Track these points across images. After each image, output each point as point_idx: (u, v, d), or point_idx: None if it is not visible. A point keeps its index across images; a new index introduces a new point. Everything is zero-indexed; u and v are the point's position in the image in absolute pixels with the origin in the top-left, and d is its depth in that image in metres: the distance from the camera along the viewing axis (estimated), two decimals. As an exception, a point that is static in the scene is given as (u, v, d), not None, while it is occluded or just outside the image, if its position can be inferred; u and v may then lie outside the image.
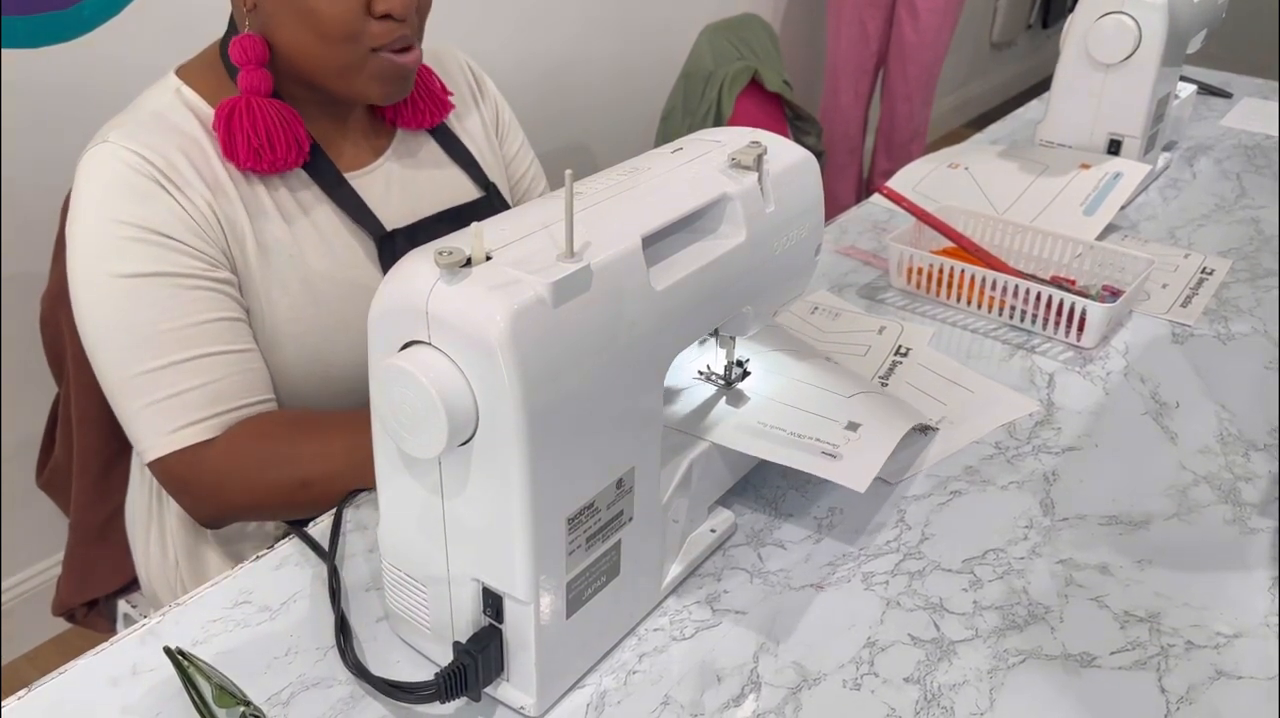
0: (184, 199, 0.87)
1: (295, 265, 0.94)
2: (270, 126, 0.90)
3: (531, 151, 1.21)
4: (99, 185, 0.87)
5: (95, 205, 0.86)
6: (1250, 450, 0.95)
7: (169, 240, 0.87)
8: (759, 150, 0.71)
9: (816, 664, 0.72)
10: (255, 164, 0.90)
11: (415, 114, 1.03)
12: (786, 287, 0.81)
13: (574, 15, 2.30)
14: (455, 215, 1.03)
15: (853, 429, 0.80)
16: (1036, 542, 0.83)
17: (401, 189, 1.02)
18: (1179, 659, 0.73)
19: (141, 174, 0.86)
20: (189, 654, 0.67)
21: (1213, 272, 1.27)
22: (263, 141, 0.89)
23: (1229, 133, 1.74)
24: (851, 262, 1.29)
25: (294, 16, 0.87)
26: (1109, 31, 1.34)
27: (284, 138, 0.90)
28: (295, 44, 0.89)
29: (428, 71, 1.05)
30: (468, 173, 1.08)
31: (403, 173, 1.03)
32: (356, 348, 0.96)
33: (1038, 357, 1.09)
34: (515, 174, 1.18)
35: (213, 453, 0.88)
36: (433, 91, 1.04)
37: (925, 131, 2.94)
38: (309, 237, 0.95)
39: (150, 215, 0.86)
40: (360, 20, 0.87)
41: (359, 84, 0.91)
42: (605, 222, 0.63)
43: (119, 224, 0.85)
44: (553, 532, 0.61)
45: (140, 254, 0.86)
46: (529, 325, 0.55)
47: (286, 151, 0.91)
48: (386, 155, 1.02)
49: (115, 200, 0.86)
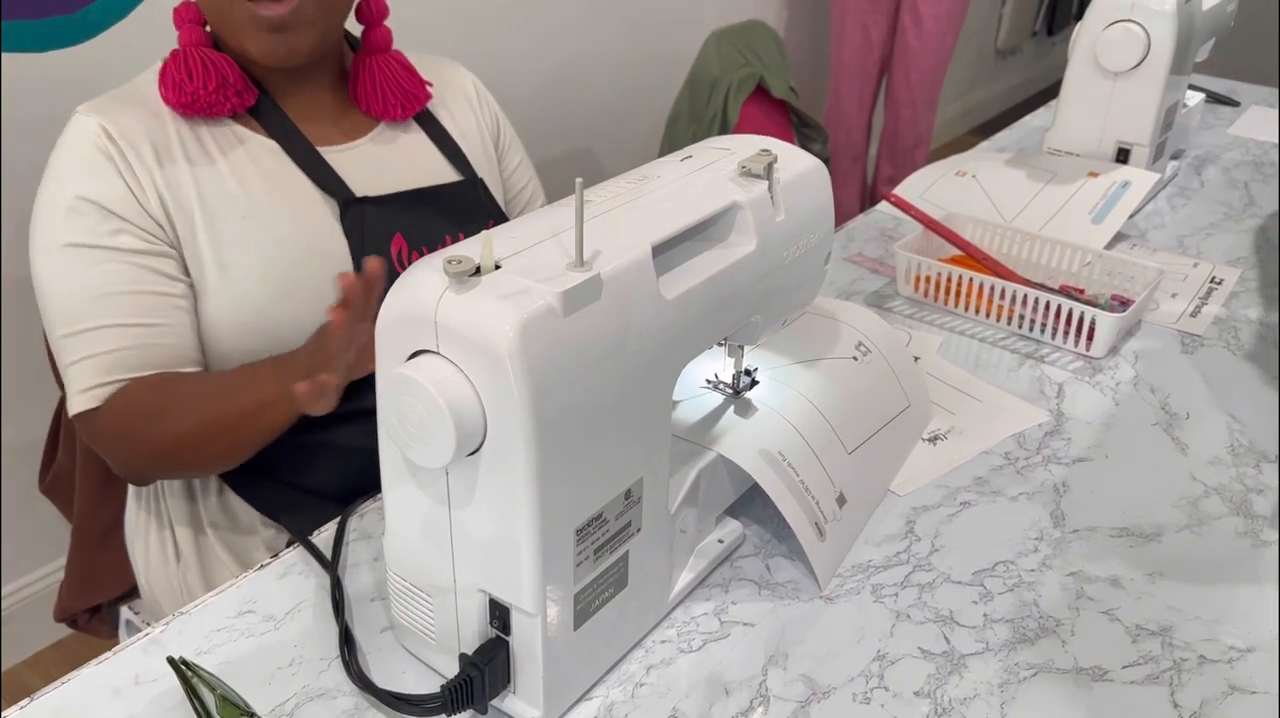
0: (129, 174, 0.92)
1: (253, 228, 0.95)
2: (194, 67, 0.94)
3: (531, 170, 1.21)
4: (59, 156, 0.93)
5: (52, 176, 0.93)
6: (1262, 462, 0.94)
7: (105, 213, 0.91)
8: (769, 159, 0.71)
9: (826, 678, 0.71)
10: (177, 98, 0.94)
11: (384, 105, 1.04)
12: (796, 295, 0.80)
13: (581, 21, 2.29)
14: (431, 194, 1.03)
15: (841, 504, 0.81)
16: (1047, 554, 0.83)
17: (379, 168, 1.03)
18: (1192, 674, 0.72)
19: (95, 147, 0.92)
20: (192, 664, 0.67)
21: (1221, 281, 1.27)
22: (183, 77, 0.94)
23: (1237, 141, 1.74)
24: (858, 269, 1.28)
25: None
26: (1117, 40, 1.34)
27: (204, 73, 0.94)
28: (200, 2, 0.94)
29: (405, 67, 1.05)
30: (452, 162, 1.08)
31: (382, 154, 1.04)
32: (310, 311, 0.96)
33: (1047, 366, 1.08)
34: (513, 189, 1.19)
35: (99, 419, 0.92)
36: (404, 85, 1.04)
37: (929, 138, 2.93)
38: (269, 199, 0.96)
39: (93, 189, 0.91)
40: None
41: (239, 38, 0.93)
42: (615, 230, 0.62)
43: (65, 195, 0.91)
44: (561, 543, 0.61)
45: (76, 225, 0.91)
46: (538, 335, 0.55)
47: (205, 82, 0.94)
48: (367, 138, 1.04)
49: (66, 173, 0.92)
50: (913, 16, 2.70)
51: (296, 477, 1.02)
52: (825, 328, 0.93)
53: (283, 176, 0.97)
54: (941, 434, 0.97)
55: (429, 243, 1.00)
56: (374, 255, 0.73)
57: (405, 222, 0.99)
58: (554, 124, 2.33)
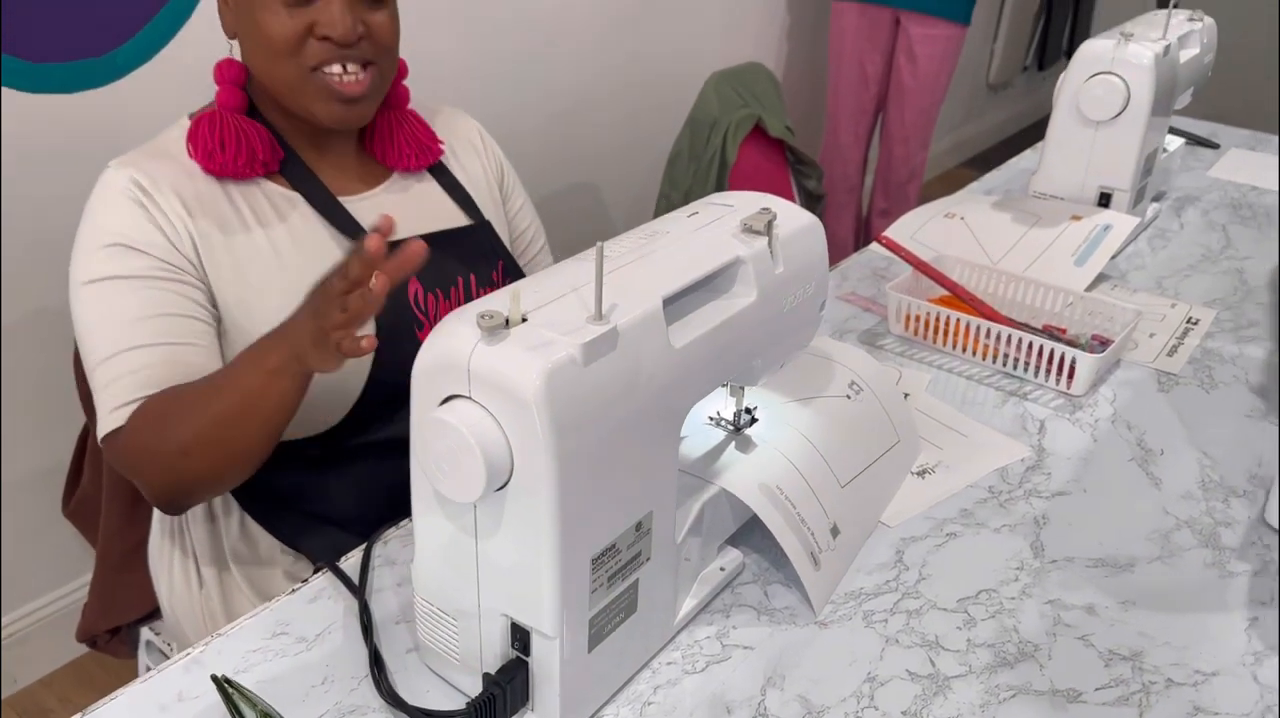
0: (162, 219, 0.97)
1: (278, 276, 1.00)
2: (225, 136, 0.99)
3: (533, 210, 1.28)
4: (93, 207, 0.98)
5: (87, 224, 0.97)
6: (1230, 497, 1.00)
7: (130, 249, 0.95)
8: (769, 216, 0.77)
9: (820, 698, 0.76)
10: (208, 165, 0.99)
11: (399, 156, 1.10)
12: (793, 339, 0.86)
13: (586, 64, 2.38)
14: (443, 238, 1.09)
15: (834, 535, 0.87)
16: (1027, 583, 0.88)
17: (394, 214, 1.08)
18: (1160, 696, 0.78)
19: (128, 197, 0.96)
20: (234, 682, 0.72)
21: (1198, 321, 1.33)
22: (215, 146, 0.99)
23: (1216, 184, 1.81)
24: (852, 308, 1.35)
25: (253, 36, 0.98)
26: (1098, 91, 1.41)
27: (236, 145, 0.99)
28: (255, 62, 0.99)
29: (418, 120, 1.12)
30: (462, 207, 1.14)
31: (396, 202, 1.10)
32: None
33: (1029, 403, 1.14)
34: (517, 229, 1.25)
35: (121, 439, 0.93)
36: (419, 138, 1.11)
37: (922, 172, 3.01)
38: (294, 249, 1.02)
39: (127, 232, 0.96)
40: (300, 39, 0.96)
41: (305, 103, 0.99)
42: (628, 285, 0.68)
43: (100, 238, 0.96)
44: (578, 571, 0.66)
45: (111, 263, 0.95)
46: (561, 383, 0.60)
47: (236, 155, 0.99)
48: (382, 188, 1.10)
49: (101, 219, 0.97)
50: (908, 56, 2.78)
51: (315, 507, 1.08)
52: (820, 368, 0.99)
53: (306, 226, 1.03)
54: (929, 468, 1.02)
55: (442, 285, 1.06)
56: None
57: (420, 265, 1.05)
58: (558, 161, 2.41)
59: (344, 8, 0.95)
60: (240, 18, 0.98)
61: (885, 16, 2.78)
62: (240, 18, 0.98)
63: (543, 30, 2.24)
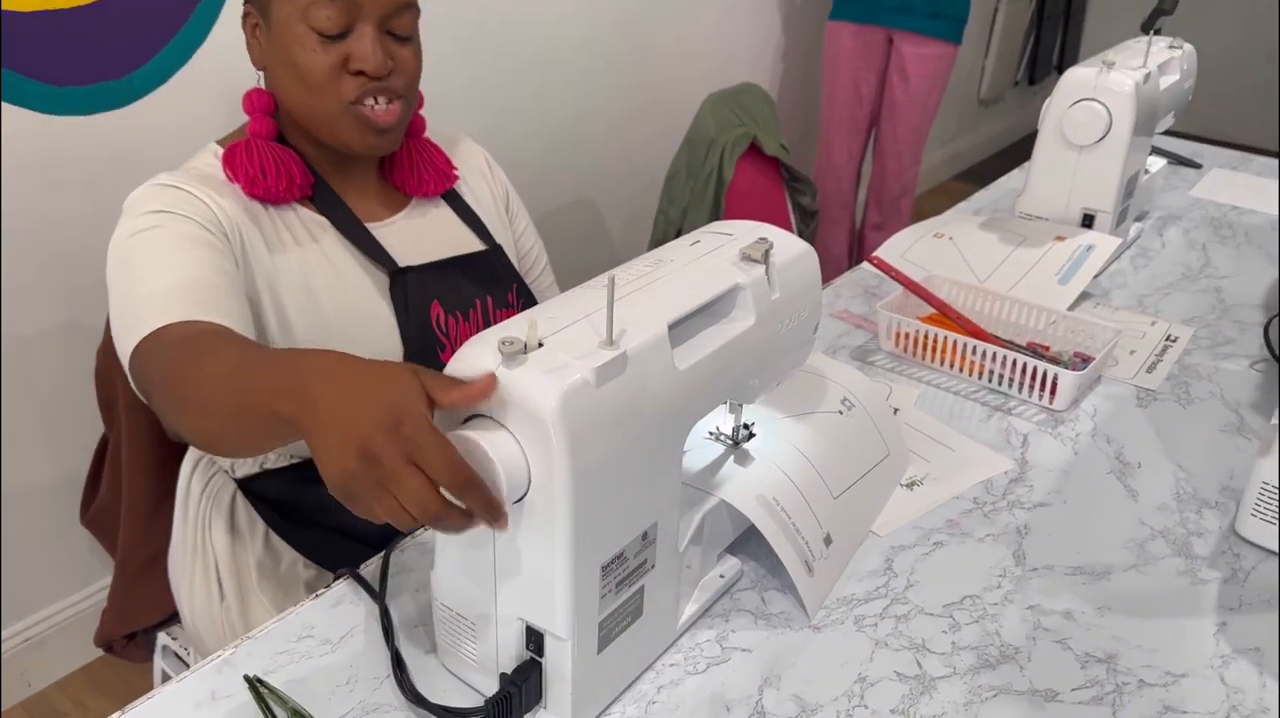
0: (212, 204, 0.99)
1: (311, 299, 1.05)
2: (265, 162, 1.04)
3: (535, 232, 1.33)
4: (133, 201, 0.99)
5: (126, 214, 0.98)
6: (1203, 508, 1.05)
7: (173, 214, 0.96)
8: (766, 245, 0.82)
9: (814, 697, 0.81)
10: (252, 189, 1.03)
11: (419, 183, 1.16)
12: (789, 360, 0.91)
13: (585, 87, 2.45)
14: (461, 263, 1.15)
15: (828, 544, 0.92)
16: (1009, 589, 0.93)
17: (415, 240, 1.14)
18: (1132, 696, 0.83)
19: (167, 185, 0.99)
20: (265, 682, 0.77)
21: (1176, 339, 1.38)
22: (257, 172, 1.03)
23: (1197, 203, 1.86)
24: (844, 325, 1.40)
25: (287, 71, 1.02)
26: (1081, 117, 1.46)
27: (275, 171, 1.04)
28: (289, 95, 1.03)
29: (435, 149, 1.18)
30: (475, 232, 1.19)
31: (416, 227, 1.15)
32: None
33: (1014, 418, 1.19)
34: (523, 249, 1.31)
35: (141, 354, 0.87)
36: (437, 165, 1.17)
37: (914, 187, 3.07)
38: (325, 273, 1.07)
39: (169, 202, 0.97)
40: (336, 74, 1.01)
41: (340, 133, 1.04)
42: (636, 310, 0.74)
43: (142, 213, 0.97)
44: (589, 577, 0.71)
45: (149, 220, 0.96)
46: (575, 403, 0.66)
47: (278, 181, 1.04)
48: (402, 214, 1.15)
49: (144, 203, 0.98)
50: (900, 74, 2.84)
51: (338, 522, 1.12)
52: (815, 385, 1.04)
53: (336, 251, 1.08)
54: (918, 480, 1.08)
55: (461, 308, 1.11)
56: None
57: (441, 289, 1.10)
58: (559, 180, 2.47)
59: (374, 42, 1.00)
60: (275, 53, 1.02)
61: (879, 36, 2.84)
62: (275, 53, 1.02)
63: (542, 55, 2.30)
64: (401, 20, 1.02)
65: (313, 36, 0.99)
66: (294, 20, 0.99)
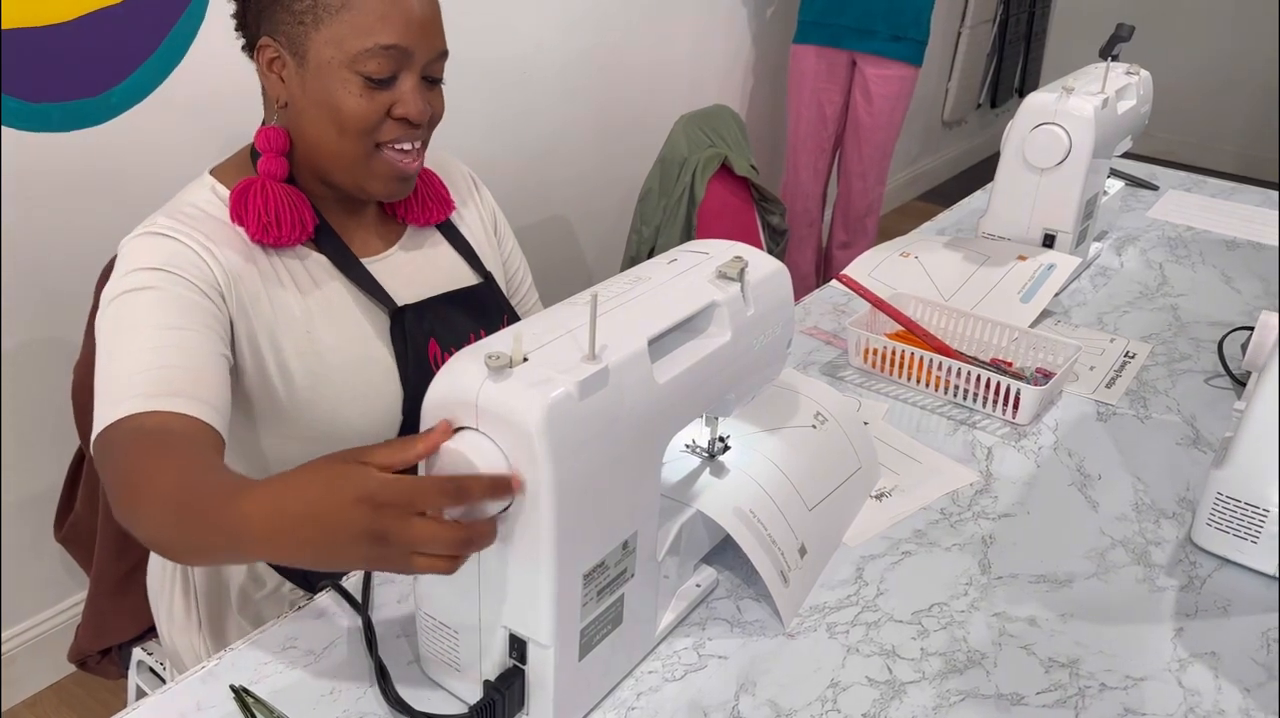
0: (209, 258, 0.97)
1: (310, 339, 1.05)
2: (279, 207, 1.02)
3: (520, 250, 1.34)
4: (130, 251, 0.96)
5: (120, 263, 0.96)
6: (1161, 518, 1.09)
7: (169, 273, 0.94)
8: (741, 264, 0.85)
9: (788, 702, 0.84)
10: (263, 237, 1.01)
11: (422, 212, 1.15)
12: (763, 374, 0.94)
13: (561, 109, 2.49)
14: (455, 298, 1.15)
15: (802, 555, 0.95)
16: (975, 597, 0.96)
17: (410, 274, 1.14)
18: (1094, 699, 0.86)
19: (169, 237, 0.97)
20: (250, 691, 0.78)
21: (1134, 355, 1.43)
22: (271, 219, 1.01)
23: (1155, 224, 1.92)
24: (814, 341, 1.43)
25: (321, 112, 0.99)
26: (1042, 141, 1.51)
27: (290, 217, 1.02)
28: (316, 135, 1.01)
29: (433, 176, 1.18)
30: (468, 262, 1.20)
31: (411, 260, 1.15)
32: (367, 415, 1.07)
33: (978, 432, 1.23)
34: (510, 269, 1.32)
35: (102, 443, 0.86)
36: (437, 192, 1.17)
37: (879, 206, 3.13)
38: (324, 312, 1.06)
39: (164, 257, 0.95)
40: (379, 118, 1.00)
41: (363, 178, 1.03)
42: (617, 326, 0.76)
43: (136, 269, 0.95)
44: (572, 586, 0.73)
45: (141, 278, 0.94)
46: (559, 416, 0.68)
47: (291, 229, 1.02)
48: (397, 246, 1.14)
49: (140, 256, 0.96)
50: (864, 95, 2.90)
51: None
52: (788, 400, 1.07)
53: (336, 290, 1.06)
54: (887, 492, 1.11)
55: (456, 343, 1.10)
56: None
57: (438, 326, 1.10)
58: (535, 199, 2.50)
59: (418, 89, 1.00)
60: (308, 93, 0.98)
61: (842, 59, 2.90)
62: (308, 93, 0.98)
63: (519, 76, 2.33)
64: (439, 65, 1.02)
65: (358, 81, 0.97)
66: (339, 65, 0.96)
